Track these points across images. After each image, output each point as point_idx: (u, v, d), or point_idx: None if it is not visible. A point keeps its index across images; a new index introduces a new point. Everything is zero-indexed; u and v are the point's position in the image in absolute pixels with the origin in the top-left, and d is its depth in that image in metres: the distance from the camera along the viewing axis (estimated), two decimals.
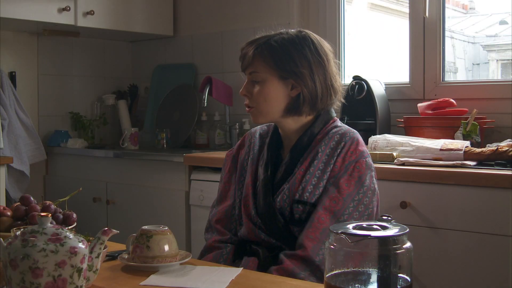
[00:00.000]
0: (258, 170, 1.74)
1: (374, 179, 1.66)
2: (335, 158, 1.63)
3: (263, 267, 1.62)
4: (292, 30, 1.73)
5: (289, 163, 1.69)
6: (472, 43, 3.32)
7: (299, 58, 1.66)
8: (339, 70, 1.78)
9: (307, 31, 1.74)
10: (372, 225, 1.04)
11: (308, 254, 1.56)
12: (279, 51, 1.67)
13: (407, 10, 2.99)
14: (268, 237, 1.67)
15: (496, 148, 2.23)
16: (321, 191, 1.63)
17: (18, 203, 1.50)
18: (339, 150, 1.64)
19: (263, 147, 1.77)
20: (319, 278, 1.53)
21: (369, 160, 1.67)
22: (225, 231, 1.76)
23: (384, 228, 1.03)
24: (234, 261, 1.69)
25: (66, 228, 1.16)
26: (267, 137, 1.79)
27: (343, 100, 1.79)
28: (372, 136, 2.56)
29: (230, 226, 1.77)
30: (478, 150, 2.26)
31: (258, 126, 1.86)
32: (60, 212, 1.49)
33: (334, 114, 1.76)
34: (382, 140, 2.49)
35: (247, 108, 1.73)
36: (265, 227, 1.67)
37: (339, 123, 1.73)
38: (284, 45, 1.67)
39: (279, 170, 1.71)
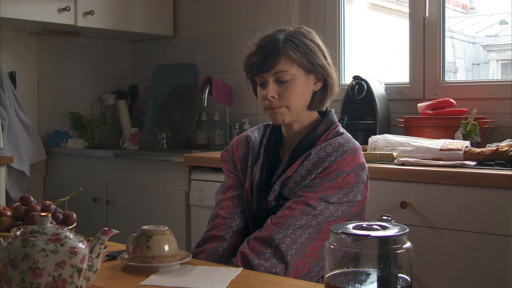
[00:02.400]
0: (253, 172, 1.72)
1: (362, 192, 1.63)
2: (327, 163, 1.59)
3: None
4: (291, 28, 1.70)
5: (286, 166, 1.67)
6: (472, 43, 3.32)
7: (318, 50, 1.67)
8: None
9: (304, 27, 1.74)
10: (372, 225, 1.04)
11: (268, 235, 1.55)
12: (300, 46, 1.65)
13: (407, 10, 2.98)
14: None
15: (496, 148, 2.23)
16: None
17: (18, 203, 1.50)
18: (332, 157, 1.59)
19: (261, 149, 1.75)
20: (280, 260, 1.52)
21: (363, 173, 1.63)
22: (226, 220, 1.70)
23: (384, 228, 1.03)
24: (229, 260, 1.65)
25: (66, 228, 1.16)
26: (264, 138, 1.77)
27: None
28: (372, 136, 2.56)
29: (236, 210, 1.72)
30: (478, 150, 2.26)
31: (255, 127, 1.84)
32: (60, 212, 1.49)
33: (336, 119, 1.74)
34: (382, 140, 2.49)
35: (271, 109, 1.65)
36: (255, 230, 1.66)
37: (341, 129, 1.71)
38: (300, 40, 1.65)
39: (275, 173, 1.68)
